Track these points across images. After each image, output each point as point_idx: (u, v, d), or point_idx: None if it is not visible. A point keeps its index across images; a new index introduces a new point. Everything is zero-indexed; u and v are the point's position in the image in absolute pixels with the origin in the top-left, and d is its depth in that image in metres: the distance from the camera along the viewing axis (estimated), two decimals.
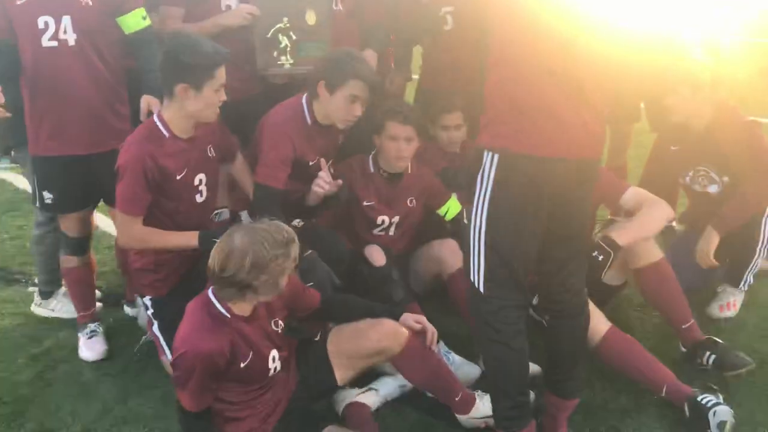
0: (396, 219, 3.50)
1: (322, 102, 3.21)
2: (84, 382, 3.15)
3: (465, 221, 2.97)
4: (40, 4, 2.99)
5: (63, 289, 3.73)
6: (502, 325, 2.38)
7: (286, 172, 3.19)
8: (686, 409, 2.72)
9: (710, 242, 3.31)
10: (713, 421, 2.61)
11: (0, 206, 5.34)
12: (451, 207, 3.55)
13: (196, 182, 3.06)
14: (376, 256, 3.31)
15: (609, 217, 3.59)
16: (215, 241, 2.49)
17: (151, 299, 3.08)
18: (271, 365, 2.54)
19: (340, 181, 3.24)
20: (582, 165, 2.34)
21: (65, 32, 3.02)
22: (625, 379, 2.95)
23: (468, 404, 2.74)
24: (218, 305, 2.43)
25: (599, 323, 2.93)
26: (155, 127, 2.94)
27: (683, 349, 3.14)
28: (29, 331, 3.57)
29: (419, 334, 2.78)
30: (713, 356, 3.00)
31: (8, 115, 3.00)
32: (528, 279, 2.44)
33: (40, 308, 3.76)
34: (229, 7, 3.57)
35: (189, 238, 2.92)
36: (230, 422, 2.51)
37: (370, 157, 3.49)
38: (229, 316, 2.42)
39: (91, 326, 3.39)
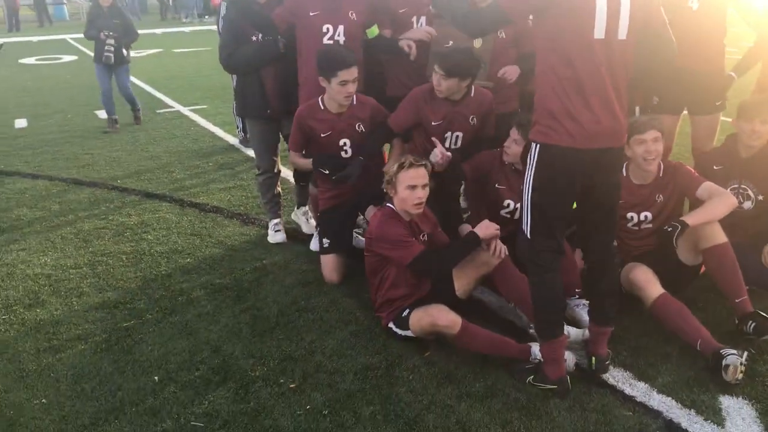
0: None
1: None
2: (285, 284, 4.54)
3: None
4: (324, 16, 4.52)
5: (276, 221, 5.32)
6: (541, 263, 3.20)
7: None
8: (710, 358, 3.41)
9: None
10: (723, 365, 3.29)
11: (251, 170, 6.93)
12: None
13: (341, 143, 4.45)
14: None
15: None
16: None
17: (319, 213, 4.69)
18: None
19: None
20: (603, 153, 3.02)
21: (339, 35, 4.55)
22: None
23: None
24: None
25: (654, 290, 3.71)
26: (316, 102, 4.36)
27: (736, 321, 3.74)
28: (255, 254, 5.08)
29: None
30: (753, 324, 3.61)
31: None
32: (564, 233, 3.26)
33: (271, 237, 5.28)
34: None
35: (308, 162, 4.41)
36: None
37: None
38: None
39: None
